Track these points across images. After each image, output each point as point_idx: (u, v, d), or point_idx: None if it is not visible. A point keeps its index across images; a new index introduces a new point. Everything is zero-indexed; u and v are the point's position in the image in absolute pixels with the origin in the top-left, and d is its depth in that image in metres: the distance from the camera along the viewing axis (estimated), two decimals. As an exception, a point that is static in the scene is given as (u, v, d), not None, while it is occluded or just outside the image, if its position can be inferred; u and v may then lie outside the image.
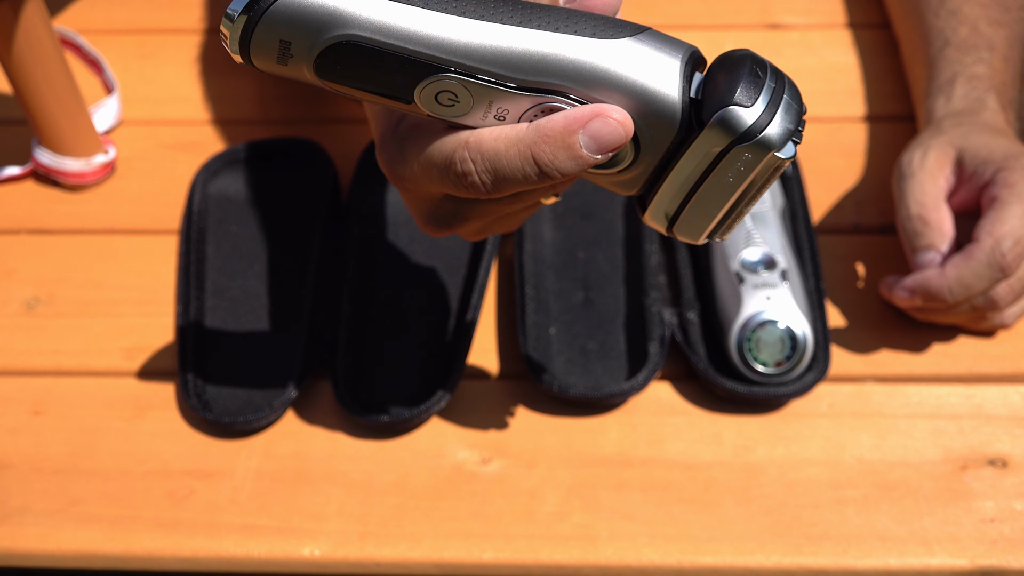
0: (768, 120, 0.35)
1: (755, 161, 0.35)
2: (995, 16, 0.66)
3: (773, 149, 0.35)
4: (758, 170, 0.36)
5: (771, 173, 0.36)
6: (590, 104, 0.35)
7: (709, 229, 0.39)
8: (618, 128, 0.35)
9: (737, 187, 0.36)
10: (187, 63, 0.78)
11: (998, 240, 0.54)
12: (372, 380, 0.59)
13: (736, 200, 0.37)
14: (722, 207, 0.38)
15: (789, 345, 0.56)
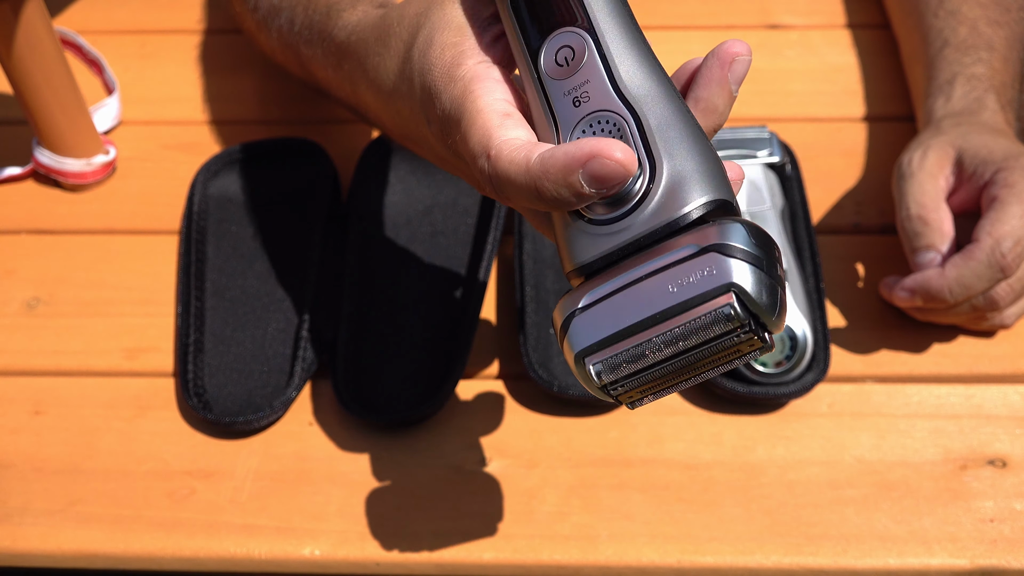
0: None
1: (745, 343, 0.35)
2: (994, 16, 0.66)
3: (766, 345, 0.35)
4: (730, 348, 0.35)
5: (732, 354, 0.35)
6: (588, 141, 0.34)
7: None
8: (617, 168, 0.34)
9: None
10: (187, 63, 0.78)
11: (998, 240, 0.54)
12: (372, 380, 0.59)
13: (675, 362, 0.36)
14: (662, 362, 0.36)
15: (789, 345, 0.57)
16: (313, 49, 0.57)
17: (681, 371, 0.35)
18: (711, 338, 0.34)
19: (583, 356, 0.35)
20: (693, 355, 0.35)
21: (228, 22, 0.81)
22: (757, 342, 0.34)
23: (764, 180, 0.62)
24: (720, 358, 0.35)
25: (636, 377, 0.35)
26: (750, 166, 0.63)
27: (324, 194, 0.66)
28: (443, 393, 0.58)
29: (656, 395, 0.37)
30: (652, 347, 0.35)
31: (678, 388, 0.37)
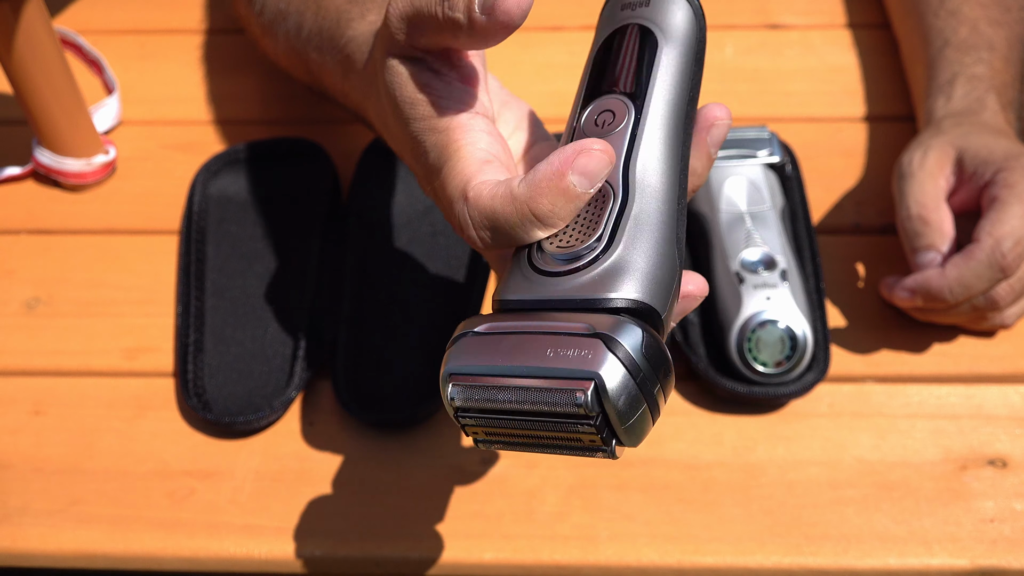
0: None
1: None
2: (995, 16, 0.66)
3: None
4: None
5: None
6: (567, 146, 0.35)
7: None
8: (603, 156, 0.35)
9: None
10: (187, 63, 0.78)
11: (998, 240, 0.54)
12: (372, 380, 0.59)
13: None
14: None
15: (789, 345, 0.57)
16: (322, 56, 0.57)
17: (525, 434, 0.36)
18: (556, 414, 0.34)
19: (448, 375, 0.36)
20: (537, 422, 0.35)
21: (229, 22, 0.81)
22: (599, 442, 0.34)
23: (764, 180, 0.62)
24: (562, 439, 0.35)
25: (483, 417, 0.36)
26: (750, 166, 0.63)
27: (324, 194, 0.66)
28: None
29: (501, 444, 0.37)
30: (504, 397, 0.35)
31: (523, 449, 0.37)
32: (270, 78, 0.76)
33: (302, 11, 0.59)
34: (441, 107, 0.41)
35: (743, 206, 0.61)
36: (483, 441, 0.37)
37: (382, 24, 0.43)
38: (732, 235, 0.60)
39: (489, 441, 0.37)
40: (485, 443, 0.37)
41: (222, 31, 0.81)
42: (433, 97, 0.41)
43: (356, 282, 0.62)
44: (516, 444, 0.37)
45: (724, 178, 0.62)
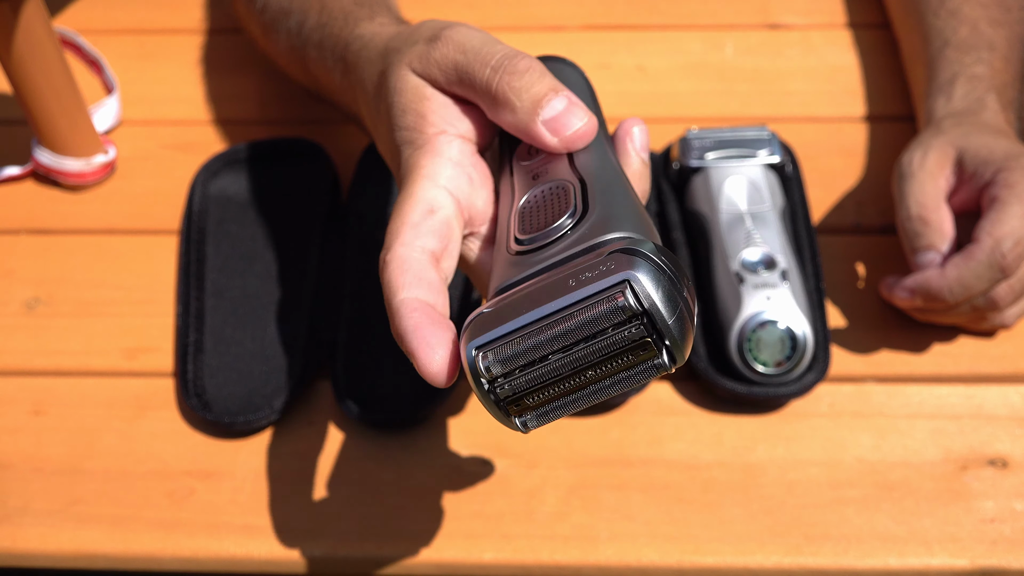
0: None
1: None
2: (995, 16, 0.66)
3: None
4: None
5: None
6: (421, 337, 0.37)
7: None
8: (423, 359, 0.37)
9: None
10: (187, 63, 0.78)
11: (998, 240, 0.54)
12: (372, 380, 0.59)
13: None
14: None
15: (789, 345, 0.56)
16: (322, 52, 0.57)
17: (574, 380, 0.35)
18: (601, 333, 0.34)
19: (474, 350, 0.35)
20: (584, 357, 0.34)
21: (228, 22, 0.81)
22: (652, 348, 0.34)
23: (764, 180, 0.62)
24: (614, 366, 0.34)
25: (527, 378, 0.35)
26: (750, 166, 0.63)
27: (324, 194, 0.66)
28: (443, 393, 0.58)
29: (553, 409, 0.36)
30: (543, 339, 0.34)
31: (572, 403, 0.36)
32: (270, 78, 0.76)
33: (305, 9, 0.59)
34: (427, 122, 0.43)
35: (743, 206, 0.61)
36: (533, 415, 0.36)
37: (414, 40, 0.45)
38: (732, 235, 0.60)
39: (539, 410, 0.36)
40: (536, 417, 0.36)
41: (222, 31, 0.81)
42: (425, 110, 0.43)
43: (356, 282, 0.62)
44: (568, 400, 0.35)
45: (724, 178, 0.62)
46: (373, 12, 0.55)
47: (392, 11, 0.56)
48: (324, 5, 0.58)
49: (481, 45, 0.42)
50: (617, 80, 0.75)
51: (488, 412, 0.36)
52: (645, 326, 0.33)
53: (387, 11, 0.55)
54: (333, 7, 0.57)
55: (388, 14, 0.55)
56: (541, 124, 0.41)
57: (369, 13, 0.55)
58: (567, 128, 0.41)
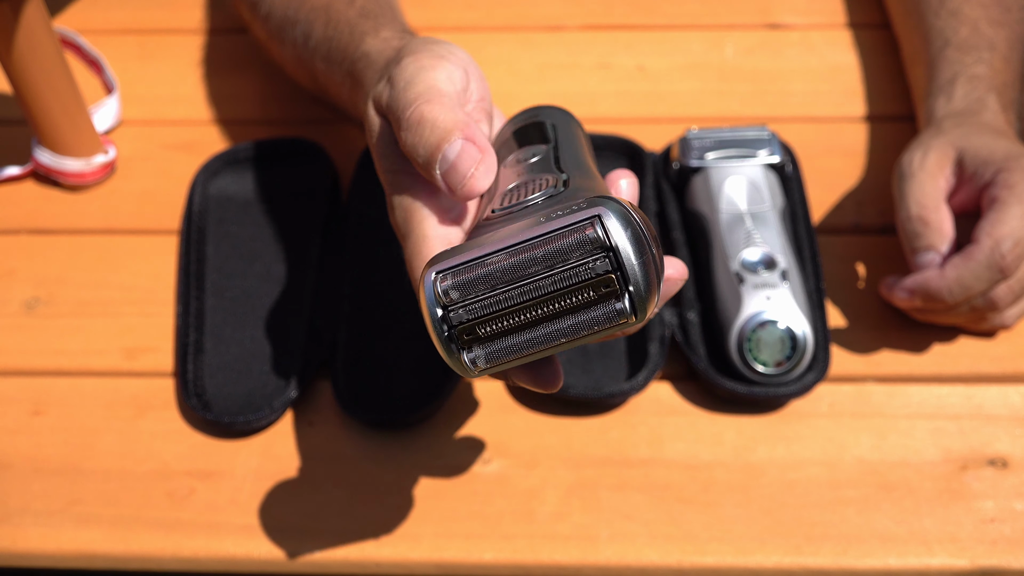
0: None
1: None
2: (996, 16, 0.66)
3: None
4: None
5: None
6: None
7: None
8: (679, 281, 0.40)
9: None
10: (187, 63, 0.78)
11: (998, 241, 0.54)
12: (372, 380, 0.59)
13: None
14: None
15: (789, 345, 0.56)
16: (330, 66, 0.57)
17: (530, 305, 0.34)
18: (564, 259, 0.33)
19: (434, 274, 0.34)
20: (544, 280, 0.33)
21: (228, 22, 0.81)
22: (614, 285, 0.33)
23: (764, 180, 0.62)
24: (572, 297, 0.33)
25: (483, 309, 0.34)
26: (750, 166, 0.63)
27: (324, 194, 0.66)
28: (443, 393, 0.58)
29: (499, 349, 0.34)
30: (506, 266, 0.33)
31: (526, 346, 0.34)
32: (270, 78, 0.76)
33: (311, 20, 0.59)
34: (398, 156, 0.43)
35: (743, 206, 0.61)
36: (483, 352, 0.35)
37: (382, 74, 0.44)
38: (732, 235, 0.60)
39: (490, 345, 0.34)
40: (486, 356, 0.35)
41: (222, 31, 0.81)
42: (390, 141, 0.43)
43: (356, 282, 0.62)
44: (523, 340, 0.34)
45: (724, 178, 0.62)
46: (378, 25, 0.54)
47: (397, 20, 0.56)
48: (330, 17, 0.57)
49: (401, 91, 0.41)
50: (617, 80, 0.75)
51: (438, 348, 0.35)
52: (610, 260, 0.33)
53: (392, 22, 0.55)
54: (339, 19, 0.57)
55: (393, 25, 0.55)
56: (443, 181, 0.39)
57: (374, 26, 0.54)
58: (459, 184, 0.39)
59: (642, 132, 0.70)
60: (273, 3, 0.63)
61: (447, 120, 0.39)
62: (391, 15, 0.57)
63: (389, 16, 0.56)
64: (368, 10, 0.56)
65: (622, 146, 0.67)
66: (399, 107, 0.41)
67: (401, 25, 0.55)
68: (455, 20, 0.80)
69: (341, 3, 0.58)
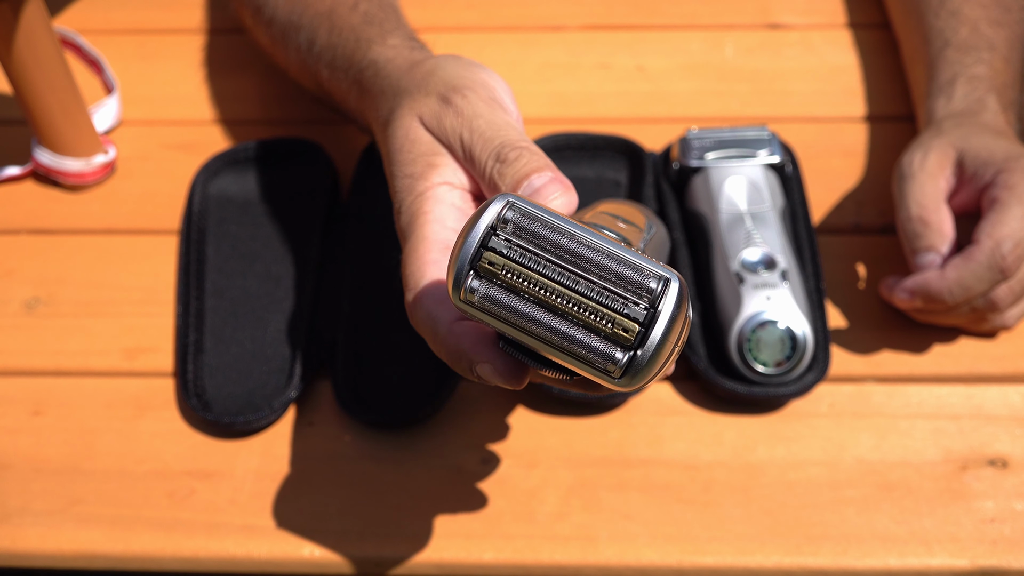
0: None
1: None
2: (996, 17, 0.66)
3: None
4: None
5: None
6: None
7: None
8: (493, 372, 0.39)
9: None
10: (187, 63, 0.78)
11: (998, 242, 0.54)
12: (372, 380, 0.59)
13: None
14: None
15: (789, 345, 0.56)
16: (335, 73, 0.57)
17: (553, 292, 0.33)
18: (614, 281, 0.33)
19: (508, 201, 0.34)
20: (582, 280, 0.33)
21: (228, 22, 0.81)
22: (626, 338, 0.33)
23: (764, 180, 0.62)
24: (588, 314, 0.33)
25: (524, 253, 0.33)
26: (750, 166, 0.63)
27: (324, 194, 0.66)
28: (443, 393, 0.58)
29: (498, 305, 0.34)
30: (566, 244, 0.33)
31: (520, 321, 0.34)
32: (270, 78, 0.76)
33: (315, 26, 0.59)
34: (435, 172, 0.44)
35: (743, 206, 0.61)
36: (483, 292, 0.34)
37: (427, 91, 0.46)
38: (732, 235, 0.60)
39: (493, 295, 0.34)
40: (482, 298, 0.34)
41: (222, 31, 0.81)
42: (438, 163, 0.44)
43: (356, 282, 0.62)
44: (521, 315, 0.34)
45: (724, 178, 0.62)
46: (383, 32, 0.54)
47: (401, 26, 0.56)
48: (333, 23, 0.57)
49: (486, 128, 0.43)
50: (617, 80, 0.75)
51: (454, 255, 0.34)
52: (646, 316, 0.33)
53: (397, 28, 0.55)
54: (342, 25, 0.57)
55: (398, 32, 0.55)
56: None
57: (379, 33, 0.54)
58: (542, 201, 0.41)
59: (642, 132, 0.70)
60: (276, 8, 0.62)
61: (542, 161, 0.42)
62: (395, 21, 0.57)
63: (394, 22, 0.56)
64: (372, 16, 0.56)
65: (622, 146, 0.67)
66: (494, 143, 0.43)
67: (407, 32, 0.55)
68: (455, 20, 0.80)
69: (344, 8, 0.58)
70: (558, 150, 0.67)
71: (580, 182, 0.67)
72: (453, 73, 0.46)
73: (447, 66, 0.47)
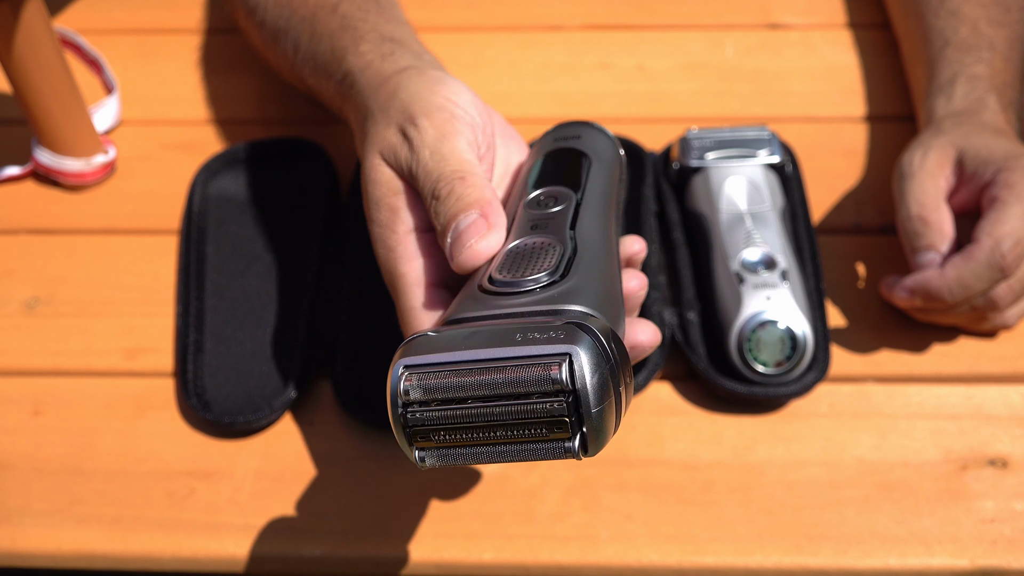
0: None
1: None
2: (996, 16, 0.66)
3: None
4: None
5: None
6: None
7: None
8: (652, 347, 0.43)
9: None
10: (187, 63, 0.78)
11: (998, 241, 0.54)
12: (372, 380, 0.59)
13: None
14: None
15: (789, 345, 0.56)
16: (319, 79, 0.57)
17: (485, 427, 0.35)
18: (526, 393, 0.34)
19: (403, 368, 0.35)
20: (503, 408, 0.34)
21: (228, 22, 0.81)
22: (567, 429, 0.34)
23: (764, 180, 0.62)
24: (525, 430, 0.34)
25: (441, 411, 0.35)
26: (750, 166, 0.63)
27: (324, 194, 0.66)
28: (443, 393, 0.58)
29: (451, 455, 0.36)
30: (471, 382, 0.34)
31: (474, 457, 0.35)
32: (269, 78, 0.76)
33: (299, 32, 0.59)
34: (398, 219, 0.46)
35: (743, 206, 0.61)
36: (434, 453, 0.36)
37: (388, 119, 0.46)
38: (732, 235, 0.60)
39: (441, 451, 0.36)
40: (437, 457, 0.36)
41: (222, 31, 0.81)
42: (397, 205, 0.46)
43: (356, 282, 0.62)
44: (471, 452, 0.35)
45: (724, 178, 0.62)
46: (357, 38, 0.54)
47: (378, 27, 0.55)
48: (314, 29, 0.58)
49: (429, 159, 0.44)
50: (617, 80, 0.75)
51: (393, 432, 0.36)
52: (569, 405, 0.33)
53: (370, 30, 0.55)
54: (321, 32, 0.57)
55: (372, 37, 0.54)
56: (448, 246, 0.42)
57: (352, 39, 0.54)
58: (461, 248, 0.41)
59: (642, 132, 0.70)
60: (266, 12, 0.63)
61: (471, 196, 0.43)
62: (374, 21, 0.56)
63: (372, 22, 0.56)
64: (348, 19, 0.56)
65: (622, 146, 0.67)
66: (432, 179, 0.44)
67: (380, 33, 0.55)
68: (455, 20, 0.80)
69: (324, 11, 0.58)
70: (558, 150, 0.67)
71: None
72: (415, 95, 0.46)
73: (410, 86, 0.47)
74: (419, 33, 0.57)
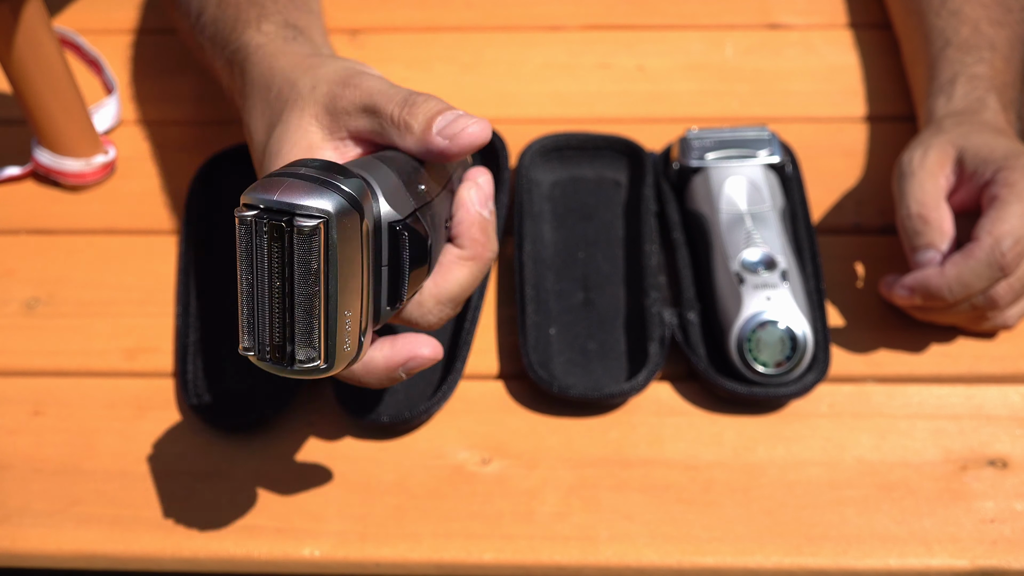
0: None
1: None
2: (997, 16, 0.66)
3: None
4: None
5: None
6: (407, 344, 0.43)
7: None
8: (428, 363, 0.44)
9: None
10: (187, 63, 0.78)
11: (998, 239, 0.54)
12: (372, 380, 0.59)
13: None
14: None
15: (789, 345, 0.56)
16: (214, 48, 0.57)
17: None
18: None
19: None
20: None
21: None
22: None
23: (764, 180, 0.62)
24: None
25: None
26: (750, 166, 0.63)
27: (324, 194, 0.66)
28: (443, 393, 0.58)
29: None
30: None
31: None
32: (270, 78, 0.76)
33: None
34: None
35: (743, 206, 0.61)
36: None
37: (313, 84, 0.46)
38: (732, 235, 0.60)
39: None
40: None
41: (222, 31, 0.81)
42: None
43: (356, 282, 0.62)
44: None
45: (724, 178, 0.62)
46: (261, 15, 0.54)
47: (285, 9, 0.55)
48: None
49: (387, 87, 0.45)
50: (617, 80, 0.75)
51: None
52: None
53: (276, 17, 0.55)
54: (230, 0, 0.57)
55: (275, 17, 0.54)
56: (435, 134, 0.44)
57: (257, 16, 0.54)
58: (457, 131, 0.43)
59: (642, 132, 0.70)
60: None
61: (447, 104, 0.45)
62: (283, 3, 0.56)
63: (282, 2, 0.56)
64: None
65: (622, 146, 0.67)
66: (400, 94, 0.45)
67: (285, 18, 0.55)
68: (455, 20, 0.80)
69: None
70: (558, 150, 0.67)
71: (580, 182, 0.67)
72: (341, 67, 0.47)
73: (333, 63, 0.48)
74: (419, 33, 0.57)
